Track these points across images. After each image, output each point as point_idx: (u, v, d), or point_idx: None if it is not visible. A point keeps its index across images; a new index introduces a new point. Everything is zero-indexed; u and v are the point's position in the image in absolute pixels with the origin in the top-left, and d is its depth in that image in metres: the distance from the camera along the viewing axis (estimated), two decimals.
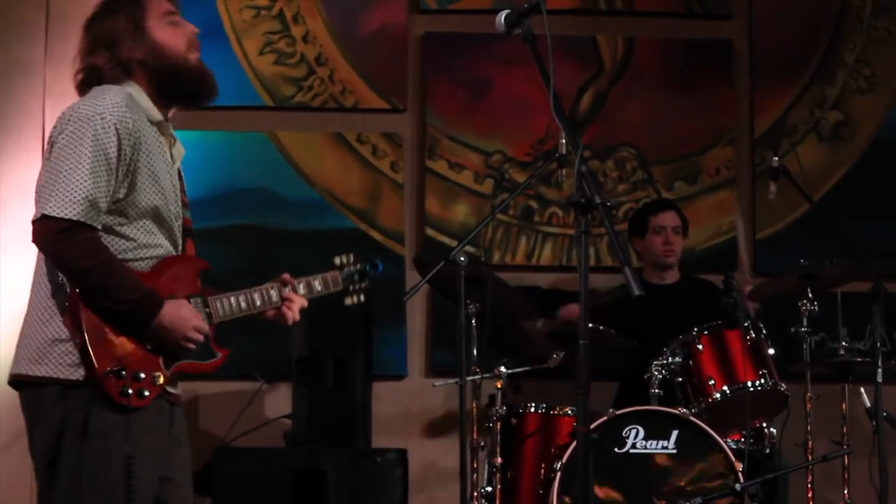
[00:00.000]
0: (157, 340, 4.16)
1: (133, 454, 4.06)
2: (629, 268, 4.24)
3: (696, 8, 8.36)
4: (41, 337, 4.13)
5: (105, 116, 4.12)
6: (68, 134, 4.10)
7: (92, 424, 4.05)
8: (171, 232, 4.37)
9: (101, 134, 4.10)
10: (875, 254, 7.67)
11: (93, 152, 4.07)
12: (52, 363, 4.09)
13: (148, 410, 4.14)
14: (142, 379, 4.08)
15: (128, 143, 4.15)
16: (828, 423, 7.18)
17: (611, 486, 6.15)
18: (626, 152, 8.23)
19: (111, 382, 4.02)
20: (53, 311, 4.13)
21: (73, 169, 4.05)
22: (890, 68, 8.40)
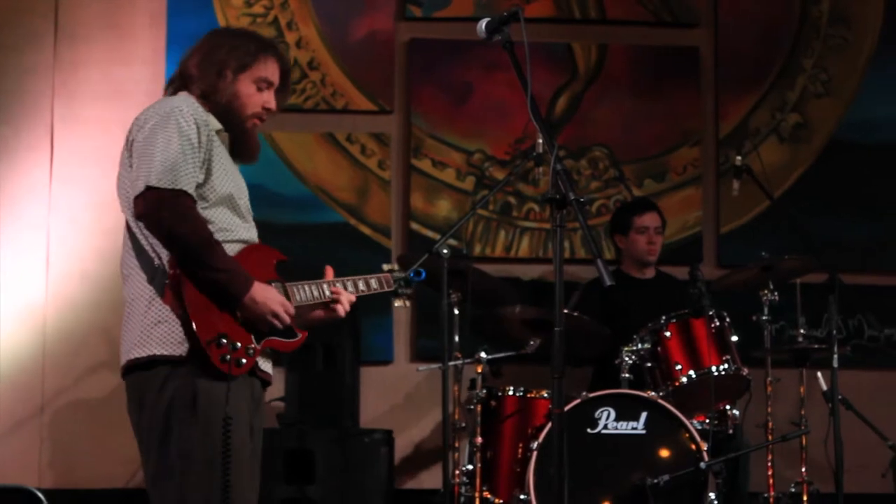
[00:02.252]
0: (248, 315, 4.17)
1: (231, 416, 4.10)
2: (601, 260, 4.26)
3: (664, 17, 8.37)
4: (143, 322, 4.16)
5: (183, 109, 4.19)
6: (153, 125, 4.16)
7: (199, 399, 4.09)
8: (246, 221, 4.38)
9: (183, 122, 4.16)
10: (831, 247, 7.68)
11: (179, 136, 4.14)
12: (156, 343, 4.12)
13: (243, 381, 4.20)
14: (238, 348, 4.12)
15: (203, 132, 4.21)
16: (787, 406, 7.21)
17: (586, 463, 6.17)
18: (598, 152, 8.24)
19: (213, 350, 4.06)
20: (152, 295, 4.16)
21: (166, 148, 4.11)
22: (845, 74, 8.41)
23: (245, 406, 4.21)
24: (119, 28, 8.00)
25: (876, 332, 8.22)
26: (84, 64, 7.99)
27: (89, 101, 7.97)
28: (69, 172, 7.89)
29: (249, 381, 4.24)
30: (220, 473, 4.08)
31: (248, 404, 4.23)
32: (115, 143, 7.81)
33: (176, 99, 4.28)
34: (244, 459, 4.20)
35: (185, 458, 4.08)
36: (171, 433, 4.10)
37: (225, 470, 4.08)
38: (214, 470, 4.08)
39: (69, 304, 7.81)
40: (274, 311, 4.20)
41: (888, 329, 8.22)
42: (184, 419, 4.09)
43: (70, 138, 7.93)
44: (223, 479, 4.08)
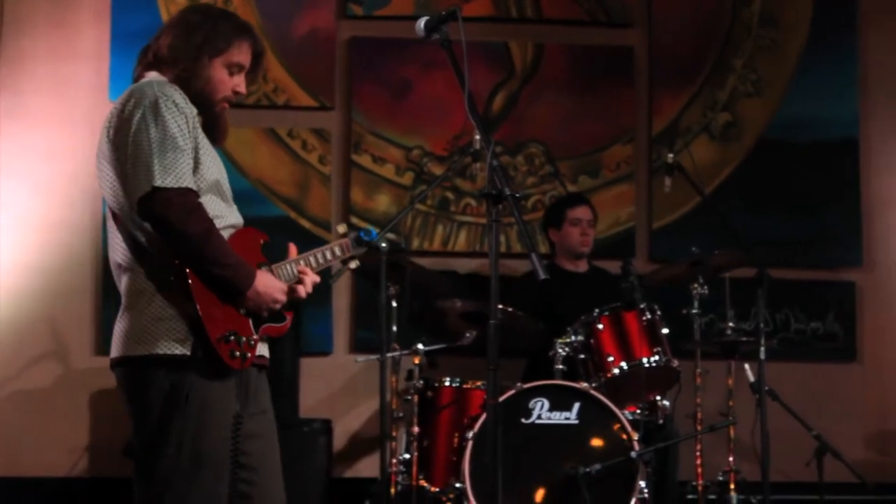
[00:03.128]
0: (252, 306, 4.14)
1: (242, 415, 4.09)
2: (535, 254, 4.27)
3: (599, 17, 8.39)
4: (144, 318, 4.06)
5: (170, 96, 4.09)
6: (141, 117, 4.04)
7: (198, 394, 4.02)
8: (230, 206, 4.32)
9: (174, 110, 4.07)
10: (760, 243, 7.73)
11: (171, 128, 4.04)
12: (158, 341, 4.02)
13: (254, 374, 4.21)
14: (243, 342, 4.09)
15: (190, 120, 4.13)
16: (715, 397, 7.25)
17: (520, 452, 6.18)
18: (534, 148, 8.25)
19: (223, 347, 4.02)
20: (153, 291, 4.06)
21: (162, 142, 4.01)
22: (774, 74, 8.46)
23: (232, 401, 4.15)
24: (64, 23, 7.95)
25: (802, 326, 8.28)
26: (30, 59, 7.93)
27: (34, 95, 7.92)
28: (15, 166, 7.84)
29: (247, 373, 4.21)
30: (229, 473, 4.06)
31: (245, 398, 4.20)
32: (60, 136, 7.86)
33: (155, 84, 4.14)
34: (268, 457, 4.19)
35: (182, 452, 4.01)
36: (168, 426, 4.02)
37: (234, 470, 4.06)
38: (219, 470, 4.05)
39: (14, 296, 7.76)
40: (276, 298, 4.19)
41: (814, 323, 8.29)
42: (179, 418, 4.01)
43: (15, 132, 7.87)
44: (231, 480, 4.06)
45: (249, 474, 4.16)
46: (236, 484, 4.08)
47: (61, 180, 7.81)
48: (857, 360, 8.35)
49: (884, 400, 8.32)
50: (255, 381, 4.28)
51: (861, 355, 8.35)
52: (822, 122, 8.43)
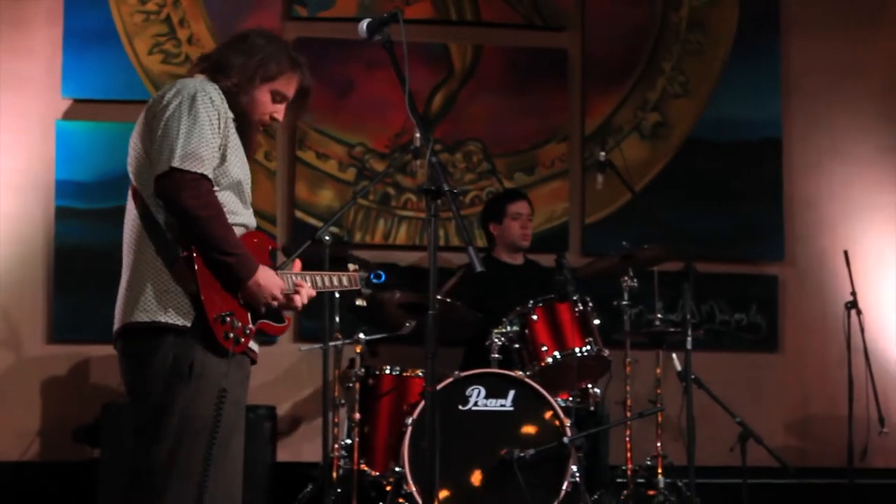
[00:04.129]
0: (250, 297, 4.20)
1: (227, 389, 4.11)
2: (472, 247, 4.31)
3: (535, 20, 8.41)
4: (151, 289, 4.13)
5: (209, 93, 4.20)
6: (178, 104, 4.15)
7: (197, 367, 4.09)
8: (248, 208, 4.39)
9: (208, 105, 4.17)
10: (687, 238, 7.77)
11: (203, 119, 4.14)
12: (163, 310, 4.10)
13: (239, 359, 4.21)
14: (238, 327, 4.13)
15: (223, 118, 4.22)
16: (644, 385, 7.28)
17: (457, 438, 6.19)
18: (472, 146, 8.26)
19: (218, 327, 4.09)
20: (161, 266, 4.13)
21: (190, 130, 4.11)
22: (701, 76, 8.51)
23: (239, 384, 4.23)
24: (17, 21, 7.88)
25: (726, 317, 8.33)
26: None
27: None
28: None
29: (242, 359, 4.25)
30: (208, 443, 4.08)
31: (243, 383, 4.26)
32: (13, 132, 7.79)
33: (198, 81, 4.26)
34: (231, 434, 4.19)
35: (180, 423, 4.07)
36: (168, 397, 4.08)
37: (211, 441, 4.08)
38: (204, 438, 4.08)
39: None
40: (274, 294, 4.24)
41: (738, 314, 8.34)
42: (182, 385, 4.08)
43: None
44: (208, 450, 4.07)
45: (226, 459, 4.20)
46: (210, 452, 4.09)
47: (14, 174, 7.75)
48: (779, 351, 8.41)
49: (804, 388, 8.38)
50: (247, 370, 4.33)
51: (782, 346, 8.41)
52: (747, 123, 8.49)
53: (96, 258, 7.61)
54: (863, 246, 8.34)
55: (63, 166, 7.79)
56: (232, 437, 4.20)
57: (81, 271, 7.69)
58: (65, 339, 7.70)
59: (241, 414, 4.28)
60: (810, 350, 8.39)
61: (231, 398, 4.16)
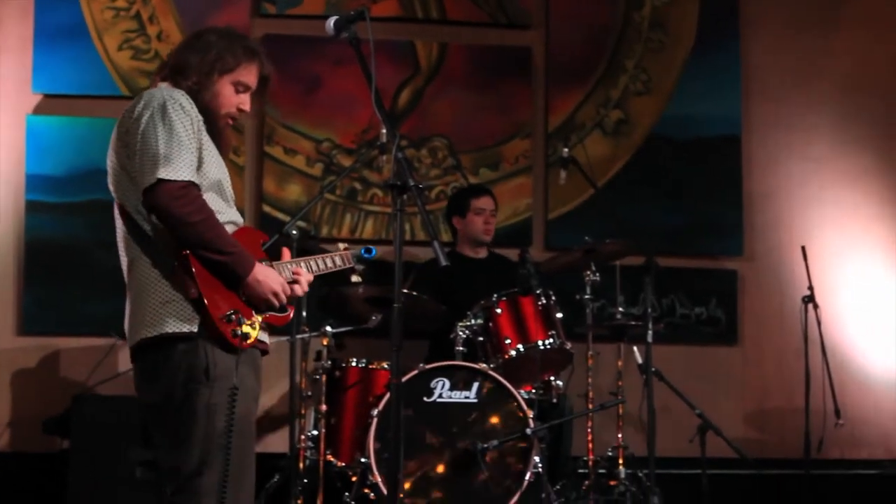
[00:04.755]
0: (251, 293, 4.18)
1: (238, 387, 4.09)
2: (437, 241, 4.33)
3: (500, 19, 8.40)
4: (152, 302, 4.11)
5: (178, 99, 4.18)
6: (150, 116, 4.14)
7: (211, 371, 4.08)
8: (231, 206, 4.37)
9: (180, 112, 4.15)
10: (648, 233, 7.78)
11: (177, 126, 4.12)
12: (167, 321, 4.08)
13: (249, 353, 4.19)
14: (245, 323, 4.11)
15: (195, 122, 4.20)
16: (606, 377, 7.30)
17: (422, 429, 6.18)
18: (438, 142, 8.25)
19: (225, 326, 4.07)
20: (158, 277, 4.11)
21: (168, 139, 4.09)
22: (663, 74, 8.52)
23: (252, 377, 4.22)
24: None
25: (687, 311, 8.35)
26: None
27: None
28: None
29: (252, 353, 4.24)
30: (226, 439, 4.08)
31: (255, 375, 4.25)
32: None
33: (164, 90, 4.23)
34: (248, 429, 4.19)
35: (203, 427, 4.07)
36: (195, 403, 4.08)
37: (228, 437, 4.07)
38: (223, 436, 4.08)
39: None
40: (274, 290, 4.22)
41: (698, 308, 8.35)
42: (200, 389, 4.08)
43: None
44: (226, 446, 4.07)
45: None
46: (230, 446, 4.09)
47: None
48: (738, 344, 8.42)
49: (762, 381, 8.41)
50: (258, 363, 4.32)
51: (741, 339, 8.43)
52: (707, 120, 8.50)
53: (66, 252, 7.58)
54: (820, 241, 8.37)
55: (33, 161, 7.73)
56: (245, 435, 4.20)
57: (51, 264, 7.65)
58: (35, 332, 7.65)
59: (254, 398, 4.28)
60: (768, 343, 8.41)
61: (248, 393, 4.17)
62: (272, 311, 4.28)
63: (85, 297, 7.43)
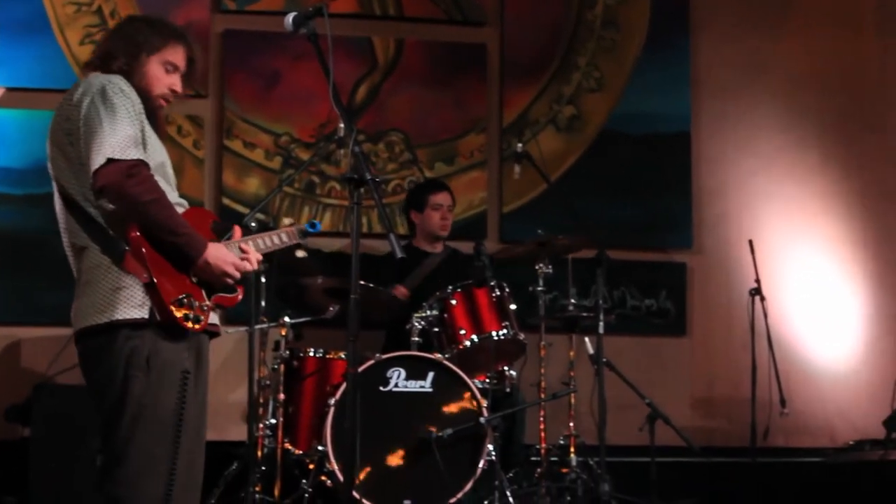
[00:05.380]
0: (203, 275, 4.12)
1: (189, 371, 4.06)
2: (394, 234, 4.32)
3: (455, 16, 8.40)
4: (102, 289, 4.05)
5: (117, 83, 4.13)
6: (91, 101, 4.08)
7: (156, 356, 4.02)
8: (173, 189, 4.32)
9: (121, 95, 4.10)
10: (599, 226, 7.80)
11: (120, 107, 4.07)
12: (117, 308, 4.02)
13: (193, 341, 4.14)
14: (196, 306, 4.06)
15: (137, 105, 4.15)
16: (558, 367, 7.31)
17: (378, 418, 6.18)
18: (395, 137, 8.24)
19: (177, 310, 4.01)
20: (108, 264, 4.05)
21: (112, 120, 4.03)
22: (614, 71, 8.54)
23: (193, 363, 4.15)
24: None
25: (637, 303, 8.38)
26: None
27: None
28: None
29: (199, 339, 4.19)
30: (175, 428, 4.03)
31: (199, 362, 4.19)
32: None
33: (102, 76, 4.18)
34: (194, 415, 4.13)
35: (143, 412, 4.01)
36: (129, 388, 4.01)
37: (178, 424, 4.03)
38: (170, 424, 4.03)
39: None
40: (226, 270, 4.16)
41: (648, 300, 8.38)
42: (141, 375, 4.01)
43: None
44: (175, 434, 4.03)
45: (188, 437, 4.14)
46: (178, 435, 4.05)
47: None
48: (687, 335, 8.46)
49: (710, 371, 8.45)
50: (206, 348, 4.27)
51: (690, 330, 8.47)
52: (658, 117, 8.53)
53: (28, 243, 7.53)
54: (766, 235, 8.41)
55: None
56: (199, 416, 4.17)
57: (13, 255, 7.60)
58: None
59: (205, 391, 4.24)
60: (716, 334, 8.45)
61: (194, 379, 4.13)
62: (223, 293, 4.23)
63: (46, 288, 7.37)
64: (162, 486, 4.02)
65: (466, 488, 6.25)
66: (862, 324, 8.68)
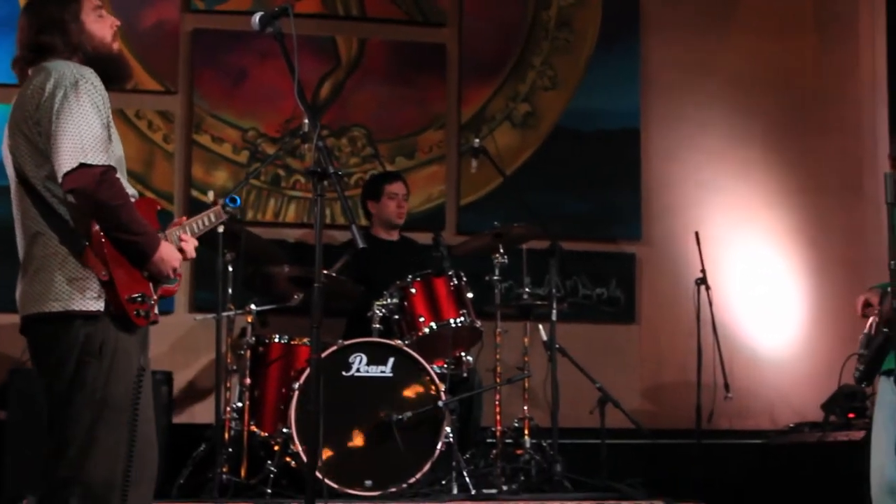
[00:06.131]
0: (154, 271, 4.11)
1: (144, 368, 4.06)
2: (355, 225, 4.34)
3: (416, 17, 8.40)
4: (58, 279, 4.00)
5: (89, 78, 4.05)
6: (63, 95, 3.99)
7: (108, 347, 3.99)
8: (127, 181, 4.26)
9: (92, 91, 4.03)
10: (553, 218, 7.81)
11: (92, 108, 4.00)
12: (75, 298, 3.98)
13: (146, 330, 4.15)
14: (146, 302, 4.06)
15: (105, 99, 4.09)
16: (513, 353, 7.33)
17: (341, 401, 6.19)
18: (357, 132, 8.24)
19: (130, 306, 4.01)
20: (66, 254, 4.00)
21: (83, 122, 3.97)
22: (568, 70, 8.56)
23: (142, 353, 4.15)
24: None
25: (589, 291, 8.40)
26: None
27: None
28: None
29: (144, 329, 4.18)
30: (130, 418, 4.00)
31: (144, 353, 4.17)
32: None
33: (74, 67, 4.08)
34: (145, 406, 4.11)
35: (96, 400, 3.98)
36: (83, 374, 3.98)
37: (133, 415, 4.01)
38: (122, 414, 4.00)
39: None
40: (174, 266, 4.16)
41: (599, 289, 8.40)
42: (93, 365, 3.98)
43: None
44: (131, 425, 4.00)
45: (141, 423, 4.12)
46: (135, 428, 4.02)
47: None
48: (636, 322, 8.50)
49: (657, 357, 8.48)
50: (148, 338, 4.26)
51: (639, 317, 8.50)
52: (609, 114, 8.55)
53: (3, 231, 7.47)
54: (712, 227, 8.44)
55: None
56: (148, 408, 4.14)
57: None
58: None
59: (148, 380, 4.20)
60: (664, 322, 8.49)
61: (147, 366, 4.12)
62: (165, 283, 4.23)
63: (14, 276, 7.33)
64: (115, 474, 3.98)
65: (425, 469, 6.27)
66: (802, 312, 8.74)
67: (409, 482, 6.22)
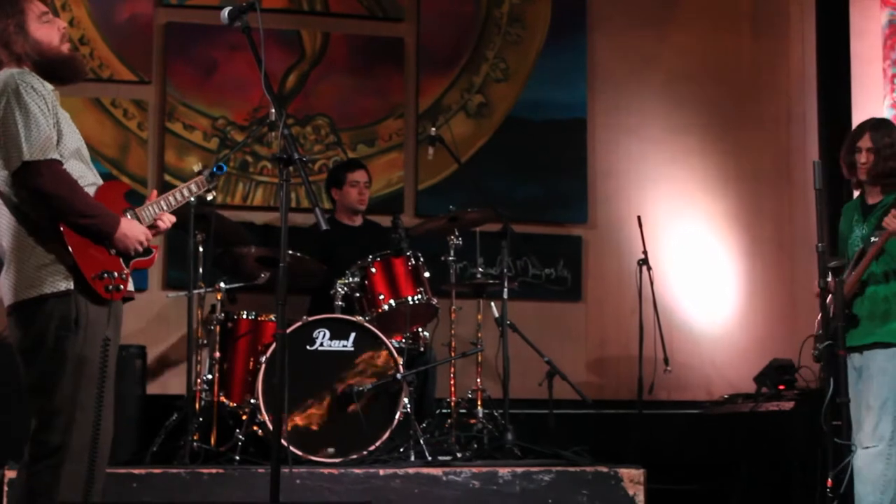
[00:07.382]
0: (119, 247, 4.16)
1: (111, 338, 4.09)
2: (319, 209, 4.34)
3: (376, 12, 8.38)
4: (29, 267, 4.07)
5: (30, 82, 4.09)
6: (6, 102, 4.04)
7: (82, 318, 4.05)
8: (90, 168, 4.29)
9: (33, 94, 4.06)
10: (505, 203, 7.82)
11: (34, 107, 4.04)
12: (45, 282, 4.05)
13: (117, 304, 4.18)
14: (115, 277, 4.11)
15: (48, 100, 4.11)
16: (467, 329, 7.34)
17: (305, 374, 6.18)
18: (321, 121, 8.21)
19: (98, 283, 4.06)
20: (33, 245, 4.07)
21: (26, 123, 4.01)
22: (519, 63, 8.56)
23: (114, 327, 4.19)
24: None
25: (538, 271, 8.41)
26: None
27: None
28: None
29: (117, 305, 4.21)
30: (98, 387, 4.04)
31: (116, 328, 4.21)
32: None
33: (16, 73, 4.10)
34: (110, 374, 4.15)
35: (75, 369, 4.03)
36: (63, 347, 4.04)
37: (101, 384, 4.04)
38: (95, 378, 4.05)
39: None
40: (139, 239, 4.21)
41: (547, 269, 8.42)
42: (70, 339, 4.04)
43: None
44: (98, 393, 4.04)
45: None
46: (102, 394, 4.06)
47: None
48: (582, 300, 8.52)
49: (602, 333, 8.51)
50: (121, 312, 4.29)
51: (585, 296, 8.53)
52: (557, 105, 8.56)
53: None
54: (653, 212, 8.48)
55: None
56: (112, 375, 4.17)
57: None
58: None
59: (115, 352, 4.23)
60: (608, 300, 8.52)
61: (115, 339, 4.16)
62: (139, 257, 4.27)
63: None
64: (89, 435, 4.05)
65: (384, 437, 6.27)
66: (736, 291, 8.79)
67: (369, 449, 6.22)
